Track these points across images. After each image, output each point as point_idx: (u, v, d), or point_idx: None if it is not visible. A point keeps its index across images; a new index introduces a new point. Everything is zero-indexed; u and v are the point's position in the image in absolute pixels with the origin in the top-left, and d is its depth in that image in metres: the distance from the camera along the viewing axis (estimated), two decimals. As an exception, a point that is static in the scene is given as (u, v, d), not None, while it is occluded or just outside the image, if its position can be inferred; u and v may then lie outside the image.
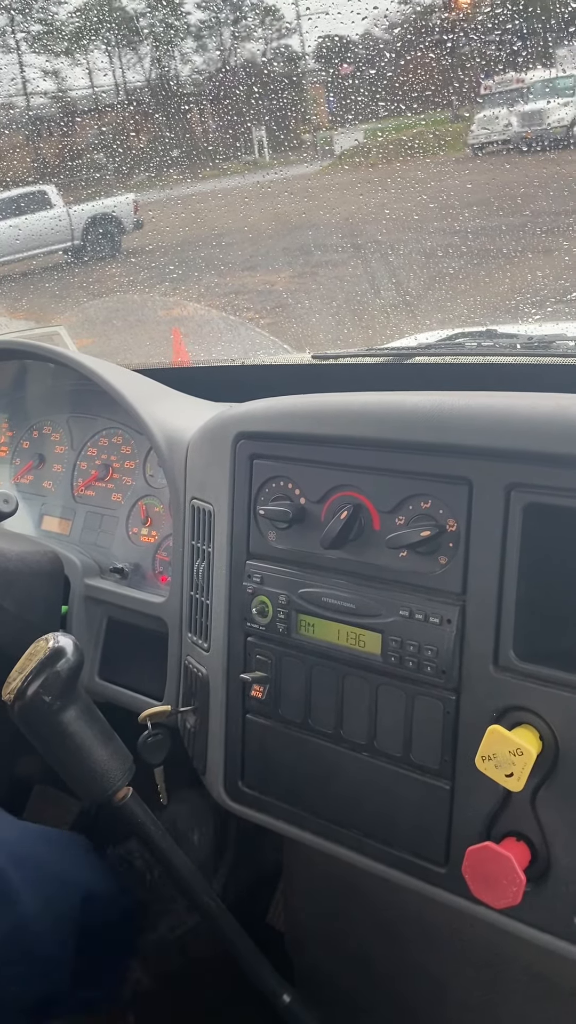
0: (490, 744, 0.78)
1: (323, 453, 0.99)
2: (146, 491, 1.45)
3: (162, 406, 1.35)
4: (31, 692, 0.90)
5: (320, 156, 2.61)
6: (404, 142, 2.00)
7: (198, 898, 1.07)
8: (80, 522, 1.53)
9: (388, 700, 0.93)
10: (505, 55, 1.53)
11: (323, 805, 1.01)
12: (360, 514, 0.95)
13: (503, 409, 0.86)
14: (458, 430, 0.87)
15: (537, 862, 0.83)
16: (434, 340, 1.61)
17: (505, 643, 0.84)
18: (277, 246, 2.80)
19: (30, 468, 1.65)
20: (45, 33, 3.20)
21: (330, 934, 1.30)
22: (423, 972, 1.17)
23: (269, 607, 1.03)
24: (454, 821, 0.89)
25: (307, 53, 2.41)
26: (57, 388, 1.65)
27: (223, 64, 2.80)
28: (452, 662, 0.87)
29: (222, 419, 1.13)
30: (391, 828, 0.95)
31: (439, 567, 0.89)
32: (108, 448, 1.54)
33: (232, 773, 1.10)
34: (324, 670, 0.99)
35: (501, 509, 0.84)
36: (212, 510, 1.12)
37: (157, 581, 1.37)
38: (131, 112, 3.08)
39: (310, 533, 1.00)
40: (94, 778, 0.95)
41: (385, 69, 1.73)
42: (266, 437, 1.05)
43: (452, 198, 1.91)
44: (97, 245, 3.75)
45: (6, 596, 1.28)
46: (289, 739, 1.03)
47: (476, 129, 2.40)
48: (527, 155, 2.24)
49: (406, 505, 0.91)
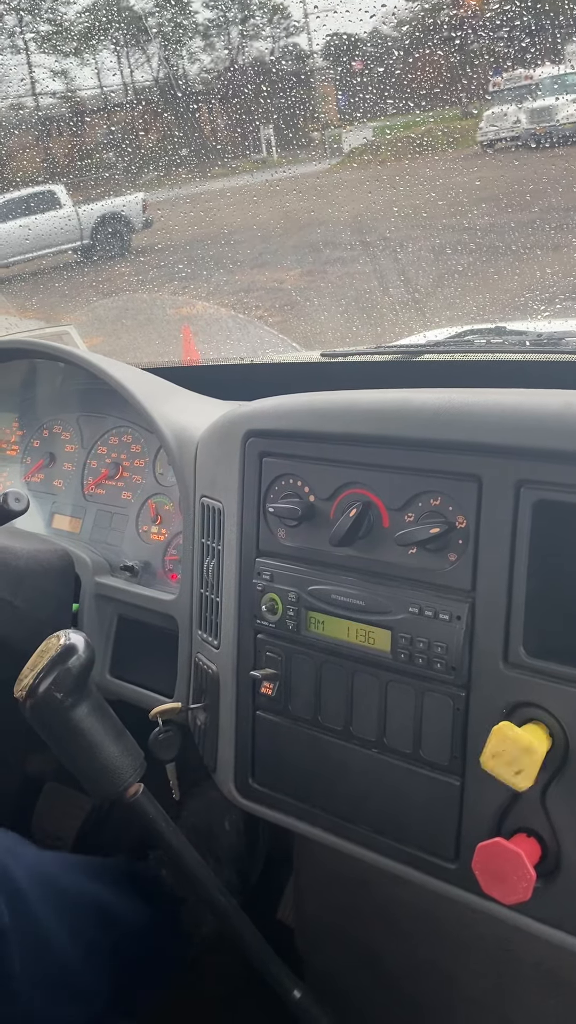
0: (499, 741, 0.78)
1: (332, 451, 0.99)
2: (156, 489, 1.45)
3: (171, 404, 1.35)
4: (43, 689, 0.91)
5: (329, 154, 2.61)
6: (413, 139, 1.99)
7: (210, 894, 1.07)
8: (90, 520, 1.53)
9: (398, 697, 0.93)
10: (514, 51, 1.53)
11: (333, 801, 1.02)
12: (369, 511, 0.95)
13: (513, 406, 0.86)
14: (467, 427, 0.87)
15: (547, 858, 0.83)
16: (443, 337, 1.61)
17: (515, 640, 0.84)
18: (286, 244, 2.80)
19: (40, 467, 1.66)
20: (54, 33, 3.21)
21: (340, 930, 1.30)
22: (433, 968, 1.17)
23: (279, 604, 1.03)
24: (464, 817, 0.89)
25: (315, 51, 2.41)
26: (67, 387, 1.65)
27: (231, 63, 2.81)
28: (462, 659, 0.87)
29: (232, 417, 1.13)
30: (401, 824, 0.95)
31: (448, 564, 0.89)
32: (118, 447, 1.54)
33: (242, 770, 1.11)
34: (334, 667, 0.99)
35: (511, 506, 0.84)
36: (222, 508, 1.13)
37: (167, 579, 1.38)
38: (140, 111, 3.09)
39: (319, 530, 1.00)
40: (106, 775, 0.96)
41: (394, 66, 1.73)
42: (276, 435, 1.05)
43: (461, 195, 1.91)
44: (106, 244, 3.76)
45: (17, 594, 1.29)
46: (299, 736, 1.03)
47: (485, 126, 2.40)
48: (536, 152, 2.23)
49: (415, 502, 0.91)
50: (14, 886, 1.14)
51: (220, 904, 1.07)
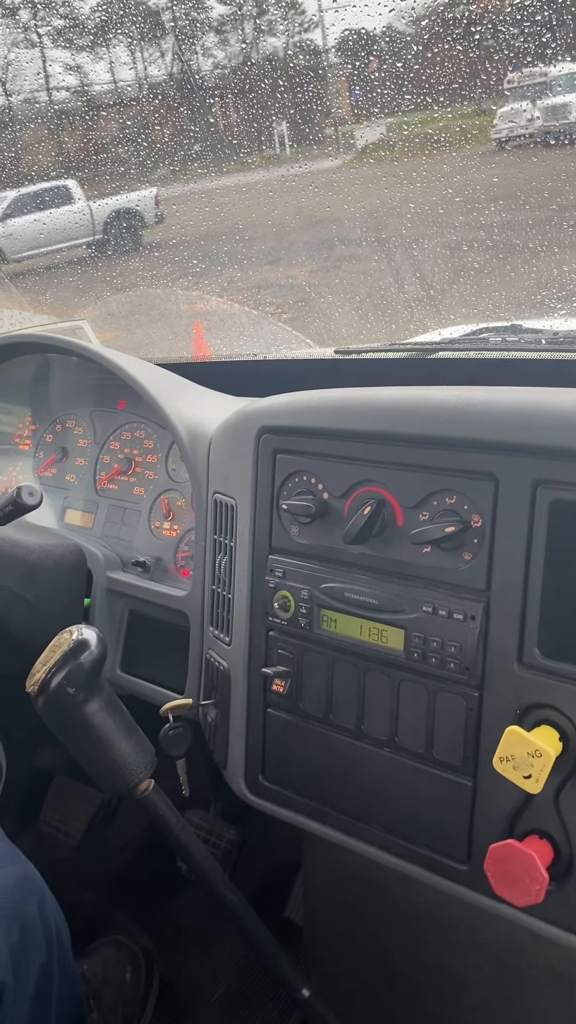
0: (508, 745, 0.78)
1: (347, 448, 0.98)
2: (168, 485, 1.45)
3: (185, 400, 1.35)
4: (55, 684, 0.91)
5: (344, 150, 2.60)
6: (430, 135, 1.98)
7: (219, 891, 1.07)
8: (102, 516, 1.53)
9: (410, 696, 0.93)
10: (534, 46, 1.51)
11: (344, 800, 1.01)
12: (384, 509, 0.94)
13: (530, 404, 0.85)
14: (484, 425, 0.86)
15: (560, 860, 0.82)
16: (458, 335, 1.61)
17: (530, 640, 0.84)
18: (300, 240, 2.79)
19: (53, 461, 1.66)
20: (68, 28, 3.21)
21: (348, 929, 1.30)
22: (442, 970, 1.17)
23: (291, 602, 1.03)
24: (476, 818, 0.89)
25: (331, 47, 2.40)
26: (80, 382, 1.65)
27: (246, 58, 2.80)
28: (475, 659, 0.87)
29: (245, 413, 1.13)
30: (412, 824, 0.95)
31: (463, 563, 0.88)
32: (131, 442, 1.54)
33: (253, 767, 1.11)
34: (346, 665, 0.99)
35: (527, 505, 0.83)
36: (234, 504, 1.12)
37: (179, 575, 1.38)
38: (154, 106, 3.08)
39: (333, 528, 0.99)
40: (116, 770, 0.96)
41: (411, 62, 1.72)
42: (290, 431, 1.05)
43: (478, 192, 1.89)
44: (119, 239, 3.76)
45: (30, 588, 1.29)
46: (310, 734, 1.03)
47: (500, 123, 2.38)
48: (555, 148, 2.22)
49: (430, 501, 0.91)
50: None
51: (230, 901, 1.07)
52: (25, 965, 1.06)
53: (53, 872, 1.24)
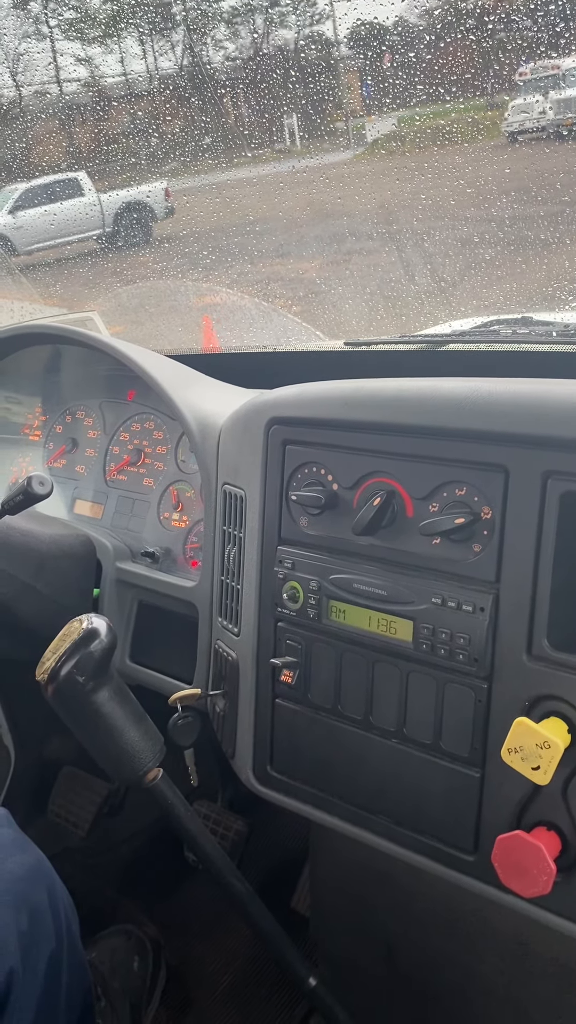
0: (517, 736, 0.78)
1: (356, 439, 0.98)
2: (178, 476, 1.45)
3: (194, 391, 1.35)
4: (65, 672, 0.91)
5: (354, 143, 2.59)
6: (441, 127, 1.97)
7: (227, 880, 1.07)
8: (112, 506, 1.54)
9: (419, 687, 0.93)
10: (547, 37, 1.50)
11: (352, 791, 1.01)
12: (393, 500, 0.94)
13: (540, 396, 0.85)
14: (495, 416, 0.86)
15: (568, 852, 0.82)
16: (469, 327, 1.60)
17: (539, 632, 0.83)
18: (310, 233, 2.79)
19: (63, 452, 1.67)
20: (79, 19, 3.21)
21: (355, 919, 1.30)
22: (448, 960, 1.17)
23: (300, 593, 1.03)
24: (484, 809, 0.89)
25: (341, 39, 2.39)
26: (90, 373, 1.66)
27: (256, 50, 2.79)
28: (484, 650, 0.87)
29: (255, 404, 1.13)
30: (420, 815, 0.95)
31: (473, 555, 0.88)
32: (140, 433, 1.54)
33: (261, 757, 1.11)
34: (355, 656, 0.99)
35: (537, 497, 0.83)
36: (244, 495, 1.12)
37: (188, 566, 1.38)
38: (164, 99, 3.08)
39: (342, 519, 0.99)
40: (125, 759, 0.96)
41: (423, 53, 1.71)
42: (299, 423, 1.05)
43: (490, 184, 1.89)
44: (129, 232, 3.77)
45: (39, 578, 1.29)
46: (318, 724, 1.03)
47: (511, 116, 2.37)
48: (567, 141, 2.21)
49: (440, 492, 0.91)
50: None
51: (237, 891, 1.08)
52: (34, 952, 1.07)
53: (61, 861, 1.24)
